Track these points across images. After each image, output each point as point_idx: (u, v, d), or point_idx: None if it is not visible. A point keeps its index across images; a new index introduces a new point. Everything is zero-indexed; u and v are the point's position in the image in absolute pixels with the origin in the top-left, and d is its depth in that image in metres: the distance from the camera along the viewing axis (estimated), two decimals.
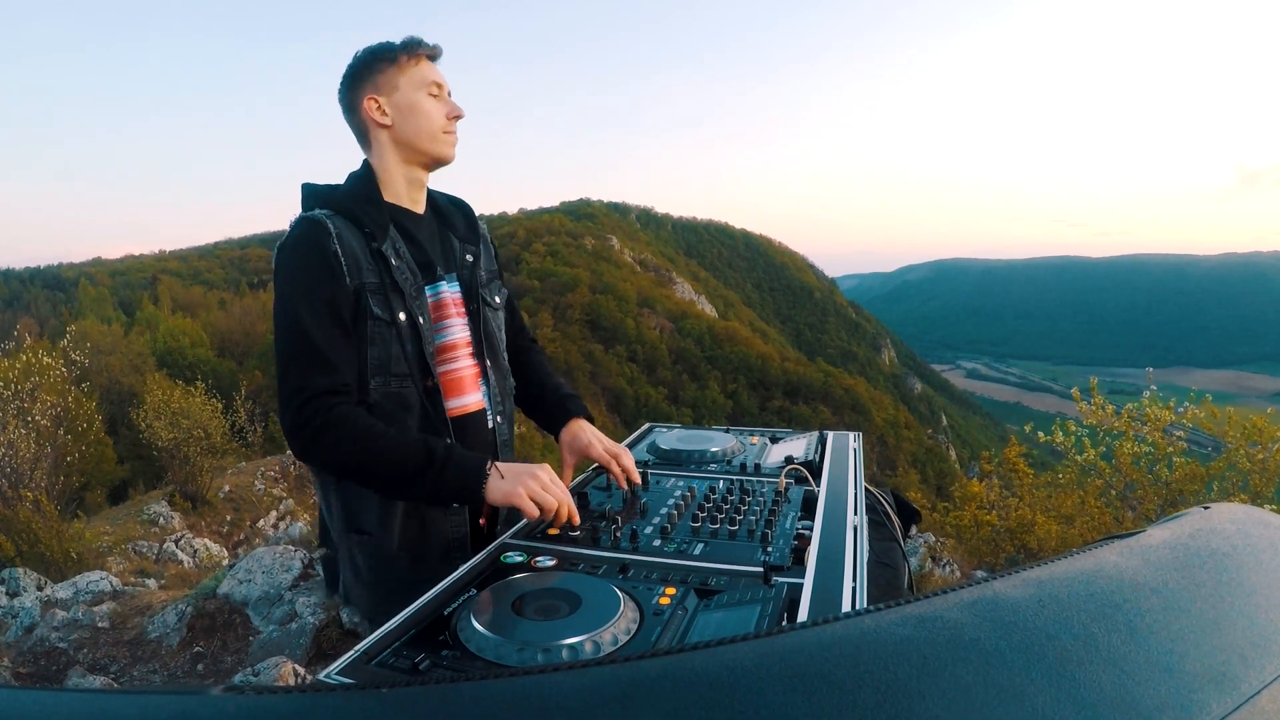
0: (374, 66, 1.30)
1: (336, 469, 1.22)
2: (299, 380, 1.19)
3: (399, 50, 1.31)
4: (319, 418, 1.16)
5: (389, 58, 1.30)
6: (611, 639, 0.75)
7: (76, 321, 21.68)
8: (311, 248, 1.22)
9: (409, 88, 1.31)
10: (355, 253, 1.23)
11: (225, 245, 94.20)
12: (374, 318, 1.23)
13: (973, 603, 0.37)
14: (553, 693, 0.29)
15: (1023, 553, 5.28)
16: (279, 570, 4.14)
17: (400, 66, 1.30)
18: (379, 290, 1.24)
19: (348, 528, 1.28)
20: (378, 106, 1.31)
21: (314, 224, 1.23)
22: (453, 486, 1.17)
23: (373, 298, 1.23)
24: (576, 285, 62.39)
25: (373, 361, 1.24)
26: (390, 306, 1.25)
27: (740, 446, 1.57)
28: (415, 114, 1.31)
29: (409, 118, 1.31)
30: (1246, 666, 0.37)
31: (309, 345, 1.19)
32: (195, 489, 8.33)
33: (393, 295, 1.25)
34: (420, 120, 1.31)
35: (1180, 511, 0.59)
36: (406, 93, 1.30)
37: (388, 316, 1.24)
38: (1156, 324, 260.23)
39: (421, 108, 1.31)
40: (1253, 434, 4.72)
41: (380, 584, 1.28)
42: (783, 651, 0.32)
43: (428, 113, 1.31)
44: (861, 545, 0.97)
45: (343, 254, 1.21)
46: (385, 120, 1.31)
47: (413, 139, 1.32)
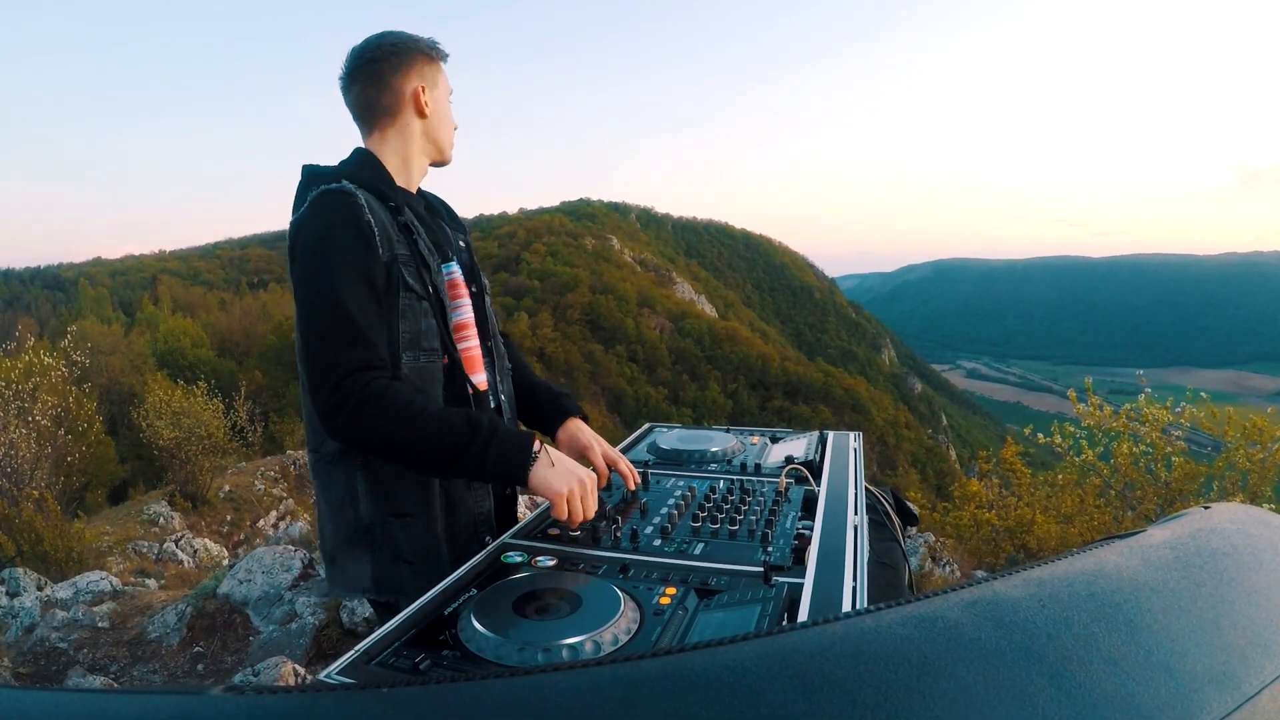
0: (416, 57, 1.32)
1: (377, 445, 1.17)
2: (335, 357, 1.14)
3: (437, 51, 1.35)
4: (357, 392, 1.12)
5: (431, 55, 1.33)
6: (612, 639, 0.75)
7: (77, 322, 21.68)
8: (344, 217, 1.18)
9: (444, 88, 1.37)
10: (385, 224, 1.22)
11: (225, 245, 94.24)
12: (408, 289, 1.21)
13: (973, 602, 0.37)
14: (553, 693, 0.29)
15: (1022, 552, 5.28)
16: (279, 570, 4.14)
17: (434, 64, 1.35)
18: (410, 263, 1.23)
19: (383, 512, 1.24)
20: (424, 95, 1.32)
21: (343, 194, 1.19)
22: (496, 460, 1.13)
23: (405, 270, 1.21)
24: (576, 285, 62.41)
25: (405, 335, 1.22)
26: (422, 280, 1.24)
27: (740, 446, 1.57)
28: (444, 115, 1.38)
29: (441, 116, 1.37)
30: (1246, 666, 0.37)
31: (345, 319, 1.15)
32: (195, 489, 8.33)
33: (422, 269, 1.25)
34: (446, 123, 1.38)
35: (1180, 511, 0.59)
36: (441, 91, 1.37)
37: (420, 289, 1.23)
38: (1156, 324, 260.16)
39: (447, 111, 1.39)
40: (1252, 434, 4.73)
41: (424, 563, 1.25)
42: (783, 651, 0.32)
43: (449, 117, 1.39)
44: (861, 545, 0.97)
45: (374, 224, 1.19)
46: (426, 111, 1.33)
47: (439, 137, 1.38)
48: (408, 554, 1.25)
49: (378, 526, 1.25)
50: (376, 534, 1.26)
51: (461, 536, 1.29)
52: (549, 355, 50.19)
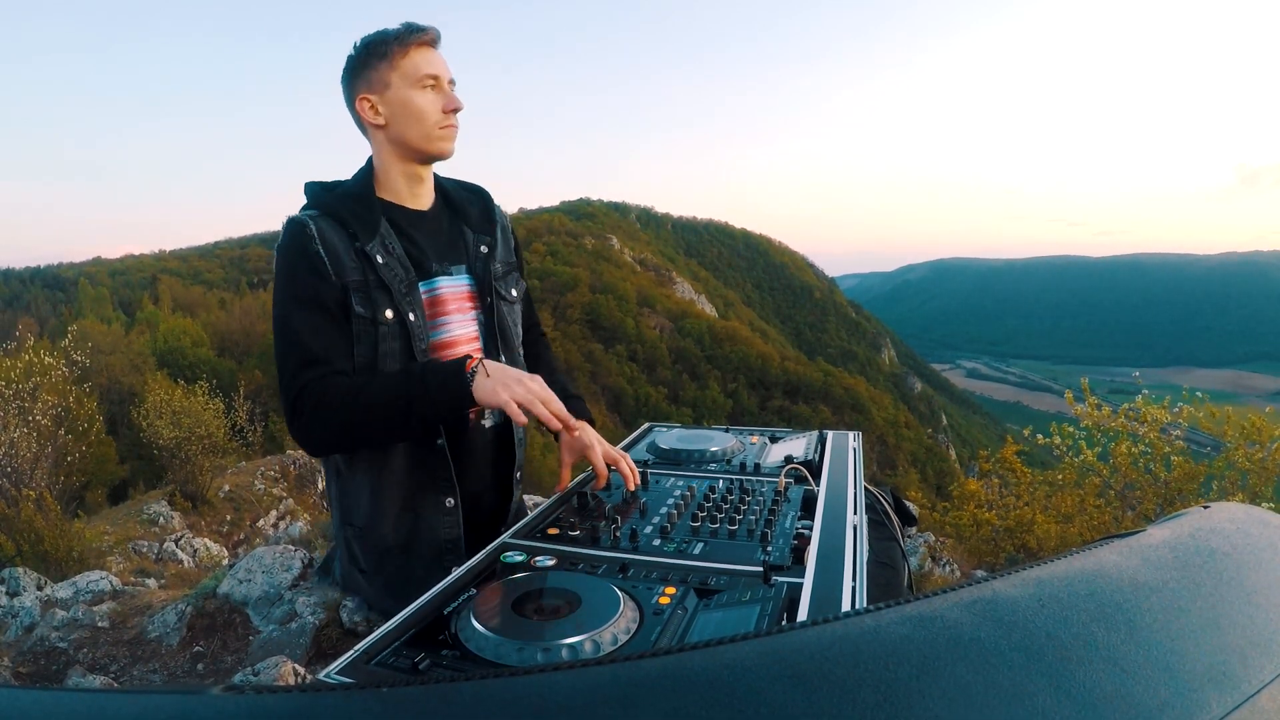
0: (366, 63, 1.26)
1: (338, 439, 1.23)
2: (290, 378, 1.20)
3: (391, 42, 1.24)
4: (305, 403, 1.18)
5: (380, 52, 1.25)
6: (611, 639, 0.75)
7: (77, 321, 21.69)
8: (294, 249, 1.23)
9: (402, 84, 1.25)
10: (338, 252, 1.23)
11: (225, 245, 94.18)
12: (357, 316, 1.23)
13: (973, 602, 0.37)
14: (553, 692, 0.29)
15: (1022, 552, 5.28)
16: (279, 570, 4.13)
17: (392, 62, 1.25)
18: (362, 288, 1.24)
19: (343, 520, 1.33)
20: (370, 106, 1.27)
21: (297, 226, 1.24)
22: (440, 394, 1.15)
23: (355, 295, 1.23)
24: (576, 285, 62.37)
25: (360, 360, 1.24)
26: (374, 304, 1.24)
27: (740, 446, 1.57)
28: (408, 112, 1.26)
29: (402, 116, 1.26)
30: (1246, 666, 0.37)
31: (297, 343, 1.21)
32: (195, 489, 8.33)
33: (377, 293, 1.24)
34: (413, 118, 1.26)
35: (1180, 511, 0.59)
36: (399, 90, 1.25)
37: (370, 315, 1.23)
38: (1156, 324, 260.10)
39: (414, 105, 1.25)
40: (1251, 433, 4.73)
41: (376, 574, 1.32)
42: (782, 651, 0.32)
43: (421, 109, 1.26)
44: (861, 545, 0.97)
45: (325, 254, 1.22)
46: (379, 120, 1.27)
47: (406, 138, 1.28)
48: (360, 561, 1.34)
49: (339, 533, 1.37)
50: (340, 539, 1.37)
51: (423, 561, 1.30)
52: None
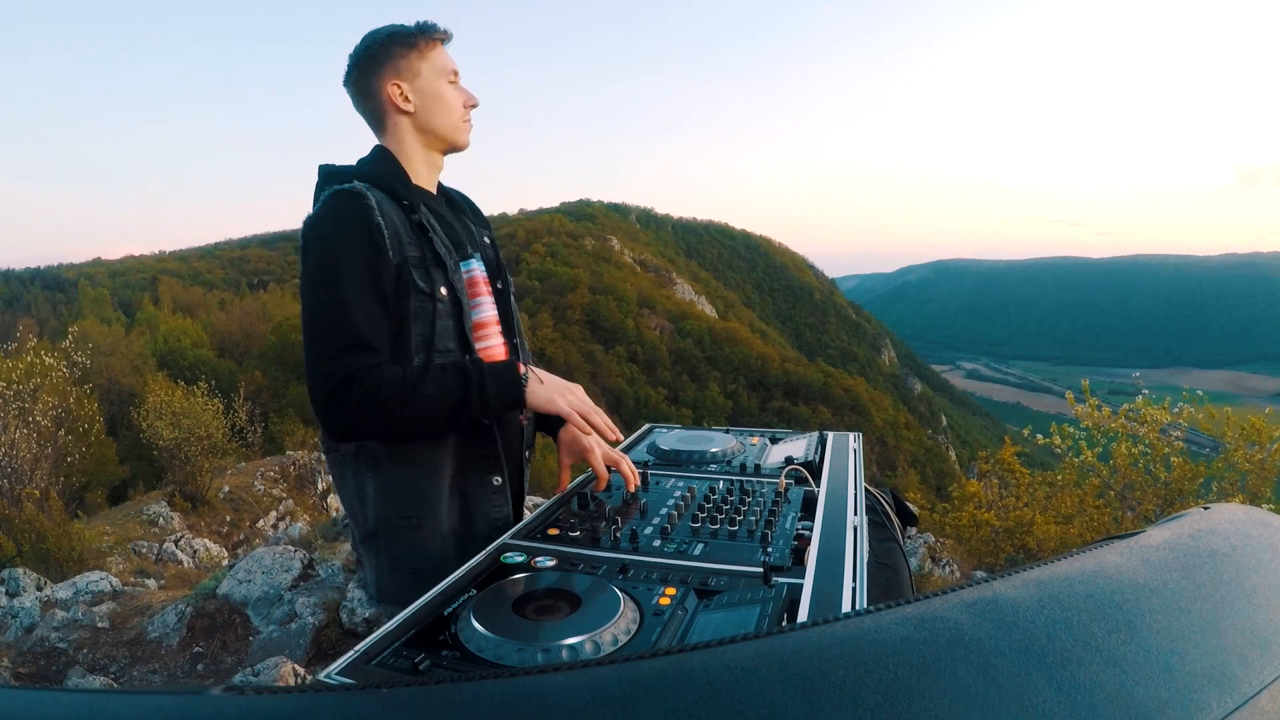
0: (392, 51, 1.28)
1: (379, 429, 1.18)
2: (333, 360, 1.14)
3: (417, 35, 1.28)
4: (354, 395, 1.12)
5: (408, 42, 1.28)
6: (611, 639, 0.75)
7: (77, 322, 21.68)
8: (353, 219, 1.17)
9: (431, 75, 1.29)
10: (396, 225, 1.20)
11: (225, 245, 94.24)
12: (417, 291, 1.20)
13: (973, 603, 0.37)
14: (553, 693, 0.29)
15: (1022, 553, 5.28)
16: (279, 570, 4.13)
17: (420, 52, 1.28)
18: (420, 264, 1.21)
19: (395, 514, 1.24)
20: (400, 92, 1.29)
21: (353, 195, 1.18)
22: (496, 398, 1.19)
23: (415, 271, 1.20)
24: (576, 285, 62.40)
25: (417, 338, 1.21)
26: (432, 280, 1.22)
27: (740, 447, 1.57)
28: (439, 102, 1.30)
29: (433, 105, 1.30)
30: (1246, 666, 0.37)
31: (346, 324, 1.14)
32: (195, 489, 8.33)
33: (434, 269, 1.23)
34: (443, 108, 1.31)
35: (1180, 512, 0.59)
36: (429, 79, 1.29)
37: (429, 290, 1.21)
38: (1156, 324, 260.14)
39: (444, 95, 1.31)
40: (1251, 434, 4.73)
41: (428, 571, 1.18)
42: (782, 651, 0.32)
43: (450, 101, 1.31)
44: (861, 545, 0.97)
45: (384, 226, 1.18)
46: (408, 106, 1.29)
47: (435, 126, 1.32)
48: (412, 561, 1.23)
49: (383, 531, 1.25)
50: (381, 540, 1.25)
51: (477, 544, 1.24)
52: (549, 355, 50.16)
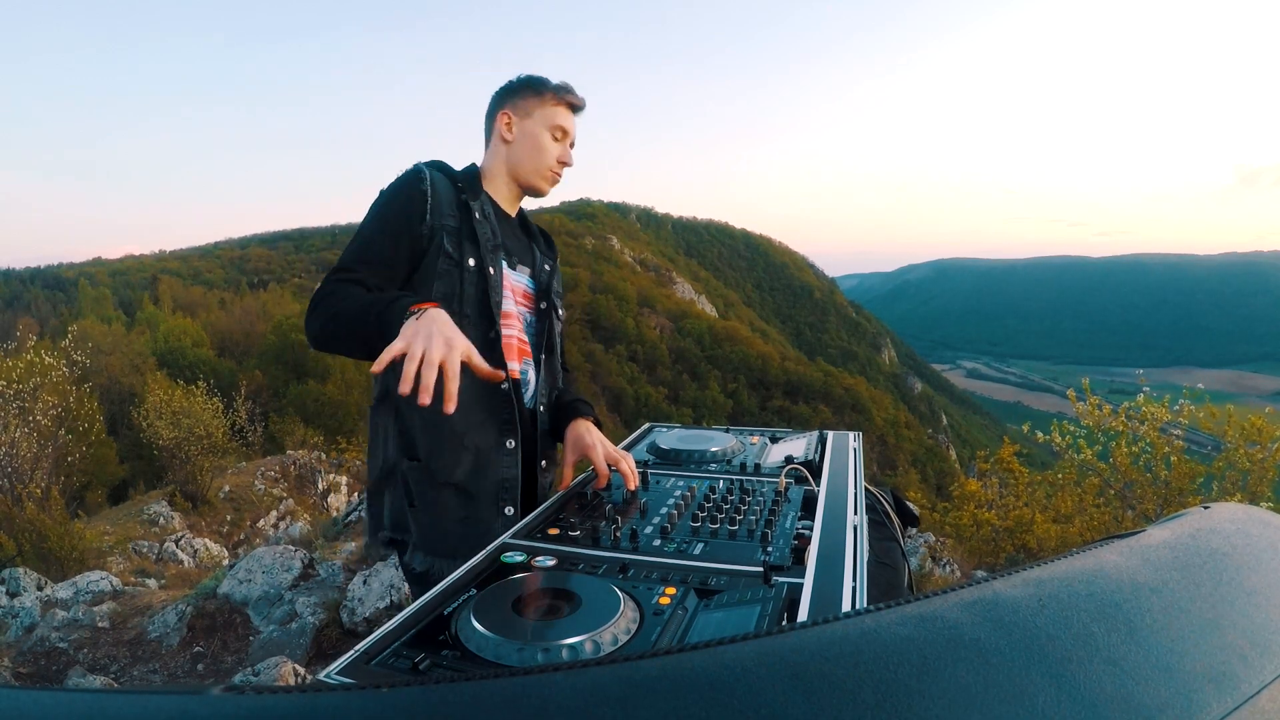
0: (522, 91, 1.45)
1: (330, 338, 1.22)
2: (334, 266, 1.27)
3: (550, 87, 1.45)
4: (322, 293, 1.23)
5: (538, 89, 1.44)
6: (611, 639, 0.75)
7: (77, 321, 21.69)
8: (404, 185, 1.34)
9: (540, 120, 1.44)
10: (442, 197, 1.35)
11: (225, 245, 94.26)
12: (445, 254, 1.32)
13: (973, 603, 0.37)
14: (553, 693, 0.29)
15: (1022, 552, 5.29)
16: (279, 570, 4.14)
17: (542, 100, 1.44)
18: (455, 233, 1.34)
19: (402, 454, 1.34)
20: (508, 123, 1.45)
21: (413, 170, 1.37)
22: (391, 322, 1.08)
23: (448, 237, 1.33)
24: (576, 285, 62.42)
25: (437, 294, 1.31)
26: (462, 249, 1.34)
27: (740, 446, 1.57)
28: (533, 145, 1.45)
29: (526, 146, 1.45)
30: (1246, 666, 0.37)
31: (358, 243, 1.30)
32: (195, 489, 8.34)
33: (467, 242, 1.34)
34: (534, 153, 1.45)
35: (1180, 511, 0.59)
36: (535, 123, 1.44)
37: (457, 256, 1.33)
38: (1156, 324, 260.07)
39: (540, 142, 1.45)
40: (1252, 434, 4.73)
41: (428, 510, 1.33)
42: (782, 651, 0.32)
43: (544, 149, 1.45)
44: (861, 545, 0.97)
45: (430, 195, 1.33)
46: (509, 136, 1.45)
47: (521, 164, 1.46)
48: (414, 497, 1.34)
49: (399, 467, 1.36)
50: (396, 475, 1.36)
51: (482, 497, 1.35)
52: None
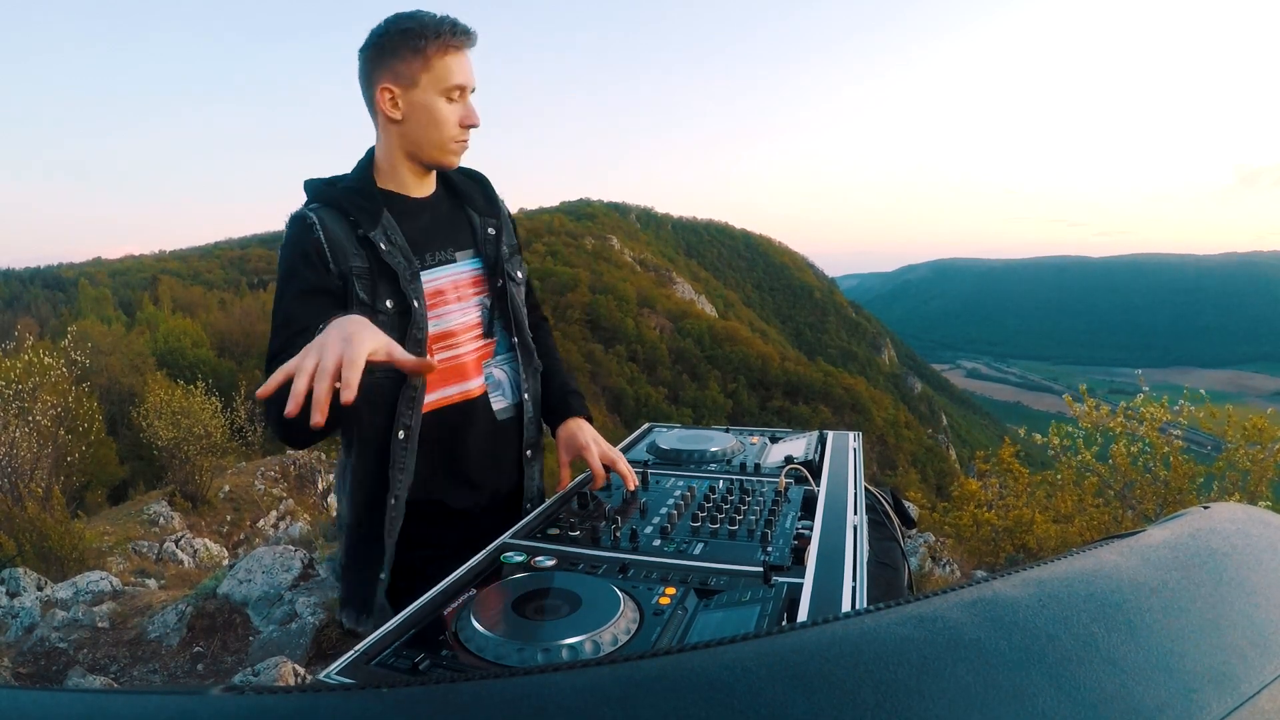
0: (396, 51, 1.20)
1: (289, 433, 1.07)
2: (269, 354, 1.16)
3: (430, 38, 1.18)
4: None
5: (415, 45, 1.19)
6: (611, 639, 0.75)
7: (77, 321, 21.68)
8: (294, 241, 1.21)
9: (430, 87, 1.21)
10: (340, 240, 1.20)
11: (225, 245, 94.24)
12: (359, 303, 1.19)
13: (973, 603, 0.37)
14: (553, 693, 0.29)
15: (1022, 552, 5.29)
16: (279, 570, 4.14)
17: (426, 59, 1.19)
18: (366, 275, 1.21)
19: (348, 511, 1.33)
20: (391, 98, 1.22)
21: (297, 220, 1.23)
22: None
23: (359, 283, 1.20)
24: (576, 285, 62.39)
25: None
26: (375, 293, 1.21)
27: (740, 446, 1.57)
28: (429, 118, 1.23)
29: (421, 120, 1.23)
30: (1246, 666, 0.37)
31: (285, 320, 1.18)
32: (195, 489, 8.34)
33: (380, 281, 1.21)
34: (431, 126, 1.23)
35: (1180, 511, 0.59)
36: (426, 93, 1.21)
37: (370, 303, 1.20)
38: (1156, 324, 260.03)
39: (436, 113, 1.22)
40: (1252, 434, 4.73)
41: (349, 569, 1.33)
42: (782, 651, 0.32)
43: (442, 119, 1.23)
44: (861, 545, 0.97)
45: (326, 242, 1.19)
46: (396, 115, 1.23)
47: (419, 143, 1.25)
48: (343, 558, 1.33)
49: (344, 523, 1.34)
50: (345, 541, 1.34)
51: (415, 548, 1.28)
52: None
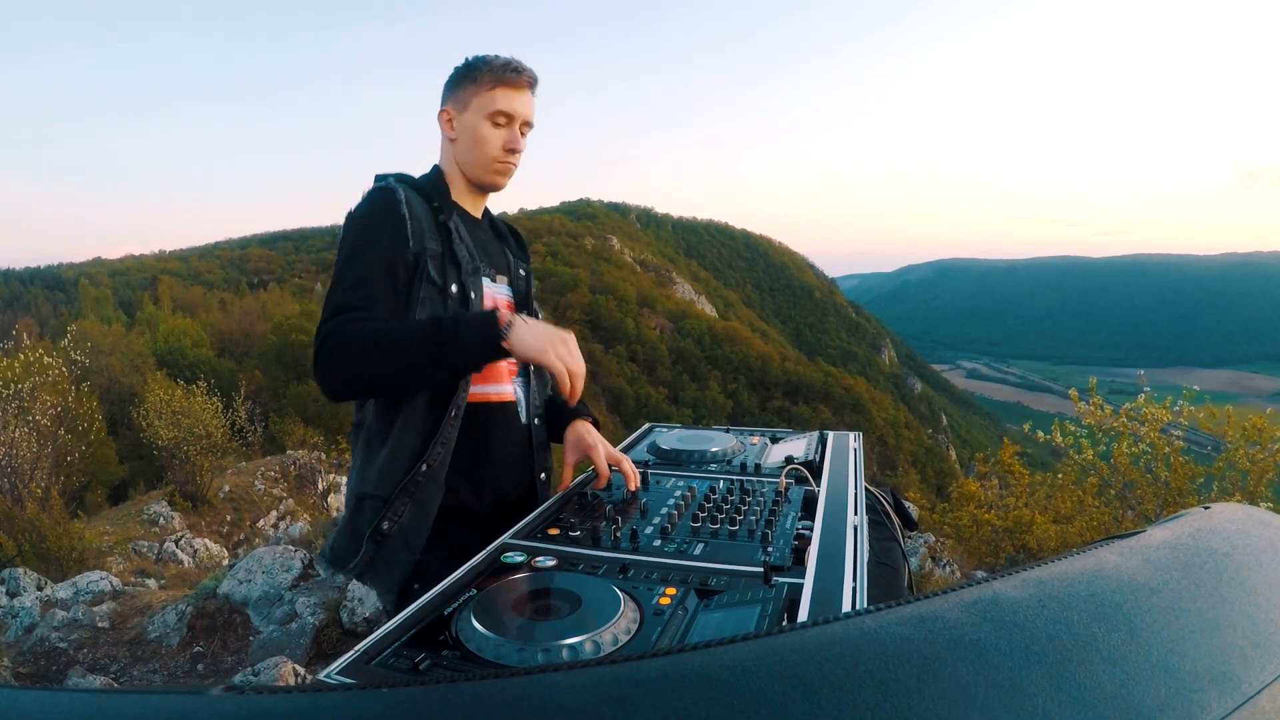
0: (460, 82, 1.35)
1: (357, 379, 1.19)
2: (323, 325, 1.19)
3: (485, 71, 1.33)
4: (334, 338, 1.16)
5: (474, 76, 1.34)
6: (611, 639, 0.75)
7: (77, 321, 21.68)
8: (380, 208, 1.27)
9: (477, 110, 1.34)
10: (421, 219, 1.28)
11: (225, 245, 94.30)
12: (429, 281, 1.26)
13: (973, 603, 0.37)
14: (553, 693, 0.29)
15: (1022, 553, 5.29)
16: (279, 570, 4.14)
17: (479, 87, 1.33)
18: (439, 258, 1.28)
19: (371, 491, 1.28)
20: (448, 120, 1.37)
21: (385, 189, 1.29)
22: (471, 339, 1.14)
23: (432, 263, 1.27)
24: (576, 285, 62.41)
25: None
26: (445, 275, 1.28)
27: (740, 446, 1.57)
28: (473, 139, 1.35)
29: (467, 140, 1.36)
30: (1246, 666, 0.37)
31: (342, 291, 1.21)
32: (195, 489, 8.34)
33: (450, 267, 1.29)
34: (475, 146, 1.35)
35: (1180, 511, 0.59)
36: (474, 115, 1.34)
37: (441, 283, 1.27)
38: (1156, 324, 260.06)
39: (479, 134, 1.34)
40: (1252, 434, 4.73)
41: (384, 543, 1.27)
42: (783, 651, 0.32)
43: (484, 140, 1.34)
44: (861, 545, 0.97)
45: (410, 217, 1.26)
46: (451, 134, 1.38)
47: (464, 161, 1.38)
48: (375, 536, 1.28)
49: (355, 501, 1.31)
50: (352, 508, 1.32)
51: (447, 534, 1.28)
52: None
